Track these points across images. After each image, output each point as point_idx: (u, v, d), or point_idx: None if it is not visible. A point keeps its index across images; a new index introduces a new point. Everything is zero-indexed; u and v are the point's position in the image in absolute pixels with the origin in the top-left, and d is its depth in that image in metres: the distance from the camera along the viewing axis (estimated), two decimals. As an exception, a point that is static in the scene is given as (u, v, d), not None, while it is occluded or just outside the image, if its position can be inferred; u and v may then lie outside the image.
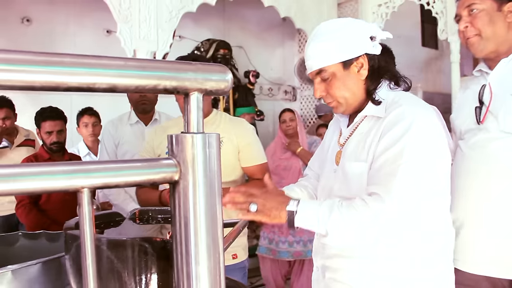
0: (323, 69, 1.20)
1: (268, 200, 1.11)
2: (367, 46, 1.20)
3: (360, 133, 1.22)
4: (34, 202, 2.59)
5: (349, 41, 1.18)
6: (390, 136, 1.10)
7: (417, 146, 1.08)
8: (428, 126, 1.13)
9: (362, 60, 1.20)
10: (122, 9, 3.29)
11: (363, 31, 1.20)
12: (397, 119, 1.12)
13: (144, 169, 0.51)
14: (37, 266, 0.90)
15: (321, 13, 4.80)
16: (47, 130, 2.64)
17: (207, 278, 0.54)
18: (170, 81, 0.52)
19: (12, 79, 0.43)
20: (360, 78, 1.21)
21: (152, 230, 0.90)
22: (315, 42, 1.20)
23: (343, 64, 1.19)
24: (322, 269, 1.29)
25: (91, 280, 0.49)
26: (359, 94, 1.23)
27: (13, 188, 0.45)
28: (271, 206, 1.10)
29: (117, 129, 2.46)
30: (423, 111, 1.15)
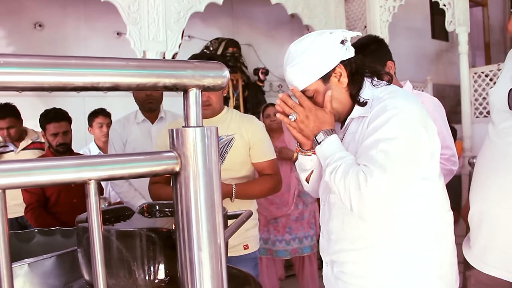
0: (305, 89, 1.24)
1: (307, 120, 1.23)
2: (339, 54, 1.23)
3: (349, 134, 1.26)
4: (43, 205, 2.61)
5: (320, 56, 1.21)
6: (375, 123, 1.14)
7: (399, 135, 1.11)
8: (410, 113, 1.15)
9: (339, 69, 1.23)
10: (131, 11, 3.35)
11: (330, 42, 1.22)
12: (381, 111, 1.15)
13: (147, 161, 0.55)
14: (52, 259, 0.95)
15: (329, 9, 4.80)
16: (52, 132, 2.66)
17: (208, 263, 0.57)
18: (169, 78, 0.55)
19: (23, 80, 0.47)
20: (342, 86, 1.25)
21: (159, 222, 0.94)
22: (290, 66, 1.24)
23: (322, 79, 1.23)
24: (330, 264, 1.33)
25: (99, 265, 0.53)
26: (345, 101, 1.26)
27: (24, 181, 0.49)
28: (306, 126, 1.23)
29: (124, 128, 2.51)
30: (405, 101, 1.17)
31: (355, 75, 1.25)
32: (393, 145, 1.10)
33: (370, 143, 1.13)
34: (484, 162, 1.29)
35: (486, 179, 1.27)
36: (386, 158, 1.09)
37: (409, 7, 4.95)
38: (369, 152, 1.12)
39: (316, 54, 1.21)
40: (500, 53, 8.16)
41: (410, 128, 1.13)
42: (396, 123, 1.12)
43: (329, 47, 1.22)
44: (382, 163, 1.08)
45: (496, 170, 1.24)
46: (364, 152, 1.14)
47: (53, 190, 2.59)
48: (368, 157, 1.12)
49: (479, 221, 1.29)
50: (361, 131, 1.20)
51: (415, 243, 1.19)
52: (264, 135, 1.93)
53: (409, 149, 1.12)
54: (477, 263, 1.31)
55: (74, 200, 2.61)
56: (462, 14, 3.89)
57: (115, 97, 4.52)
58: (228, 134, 1.88)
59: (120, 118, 2.61)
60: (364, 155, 1.13)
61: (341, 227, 1.26)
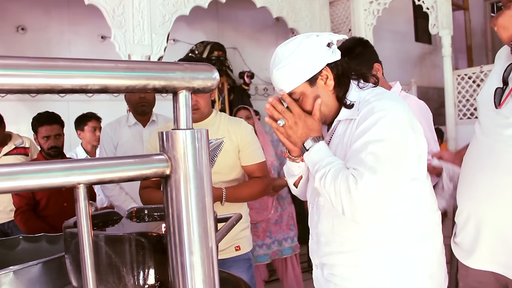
0: (291, 92, 1.25)
1: (295, 127, 1.24)
2: (326, 57, 1.23)
3: (337, 136, 1.27)
4: (33, 209, 2.59)
5: (307, 59, 1.21)
6: (363, 126, 1.15)
7: (386, 137, 1.12)
8: (398, 115, 1.16)
9: (326, 72, 1.23)
10: (115, 15, 3.32)
11: (317, 44, 1.23)
12: (369, 113, 1.16)
13: (137, 164, 0.54)
14: (38, 266, 0.93)
15: (313, 13, 4.83)
16: (44, 135, 2.65)
17: (200, 267, 0.57)
18: (159, 80, 0.55)
19: (9, 83, 0.46)
20: (328, 89, 1.25)
21: (148, 227, 0.92)
22: (277, 69, 1.24)
23: (309, 82, 1.23)
24: (320, 267, 1.34)
25: (89, 271, 0.52)
26: (331, 104, 1.27)
27: (12, 186, 0.47)
28: (294, 132, 1.24)
29: (115, 130, 2.51)
30: (391, 103, 1.18)
31: (341, 77, 1.25)
32: (381, 147, 1.11)
33: (358, 146, 1.14)
34: (471, 161, 1.31)
35: (473, 177, 1.29)
36: (375, 160, 1.09)
37: (393, 10, 5.00)
38: (358, 155, 1.12)
39: (302, 57, 1.21)
40: (482, 56, 8.30)
41: (398, 130, 1.14)
42: (384, 125, 1.13)
43: (315, 50, 1.22)
44: (372, 165, 1.09)
45: (483, 167, 1.26)
46: (353, 155, 1.14)
47: (43, 193, 2.57)
48: (357, 160, 1.12)
49: (467, 218, 1.31)
50: (350, 134, 1.20)
51: (404, 243, 1.20)
52: (252, 138, 1.94)
53: (397, 150, 1.13)
54: (466, 260, 1.33)
55: (64, 204, 2.59)
56: (445, 18, 3.95)
57: (100, 101, 4.48)
58: (217, 137, 1.88)
59: (112, 121, 2.61)
60: (353, 158, 1.14)
61: (330, 230, 1.26)
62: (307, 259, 4.22)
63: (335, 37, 1.26)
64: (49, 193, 2.56)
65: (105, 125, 2.70)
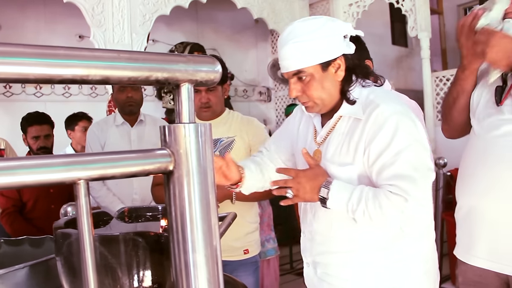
0: (301, 70, 1.19)
1: (301, 186, 1.18)
2: (343, 47, 1.20)
3: (340, 134, 1.23)
4: (19, 210, 2.54)
5: (327, 42, 1.17)
6: (381, 139, 1.13)
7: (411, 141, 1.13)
8: (411, 119, 1.17)
9: (339, 61, 1.20)
10: (95, 14, 3.26)
11: (339, 31, 1.19)
12: (381, 121, 1.14)
13: (139, 159, 0.52)
14: (24, 270, 0.89)
15: (293, 14, 4.85)
16: (33, 135, 2.61)
17: (204, 266, 0.55)
18: (161, 72, 0.52)
19: (6, 71, 0.43)
20: (337, 79, 1.22)
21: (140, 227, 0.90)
22: (292, 42, 1.18)
23: (321, 66, 1.19)
24: (313, 265, 1.32)
25: (90, 272, 0.49)
26: (335, 95, 1.23)
27: (10, 182, 0.45)
28: (305, 192, 1.18)
29: (102, 130, 2.47)
30: (400, 106, 1.19)
31: (351, 71, 1.23)
32: (412, 153, 1.12)
33: (389, 158, 1.12)
34: (471, 157, 1.33)
35: (474, 172, 1.31)
36: (412, 169, 1.10)
37: (371, 13, 5.06)
38: (392, 168, 1.11)
39: (323, 38, 1.17)
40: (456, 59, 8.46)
41: (416, 131, 1.15)
42: (405, 129, 1.13)
43: (336, 36, 1.19)
44: (410, 174, 1.10)
45: (484, 162, 1.29)
46: (384, 169, 1.13)
47: (30, 195, 2.52)
48: (392, 174, 1.11)
49: (467, 214, 1.33)
50: (359, 138, 1.17)
51: (404, 241, 1.20)
52: (265, 137, 1.93)
53: (422, 151, 1.15)
54: (464, 256, 1.35)
55: (52, 206, 2.54)
56: (423, 20, 4.02)
57: (78, 102, 4.39)
58: (229, 136, 1.86)
59: (99, 121, 2.58)
60: (386, 173, 1.13)
61: (328, 229, 1.25)
62: (289, 261, 4.24)
63: (353, 32, 1.23)
64: (36, 195, 2.51)
65: (92, 124, 2.67)
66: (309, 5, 5.06)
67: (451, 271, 2.97)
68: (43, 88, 4.35)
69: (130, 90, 2.43)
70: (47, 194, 2.54)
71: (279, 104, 5.88)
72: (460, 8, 8.90)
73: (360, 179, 1.19)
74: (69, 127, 3.37)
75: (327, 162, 1.23)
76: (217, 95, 1.85)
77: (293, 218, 3.76)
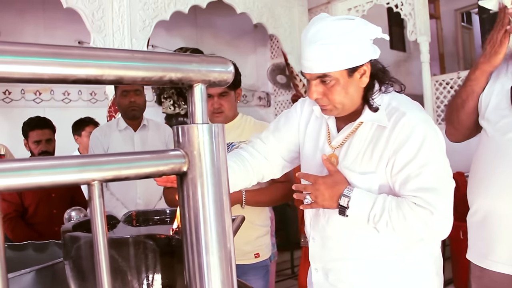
0: (327, 74, 1.12)
1: (320, 193, 1.15)
2: (371, 52, 1.15)
3: (361, 140, 1.19)
4: (21, 215, 2.52)
5: (357, 47, 1.11)
6: (408, 149, 1.11)
7: (436, 152, 1.12)
8: (434, 128, 1.16)
9: (366, 67, 1.15)
10: (95, 19, 3.26)
11: (369, 35, 1.14)
12: (408, 130, 1.12)
13: (154, 160, 0.51)
14: (30, 274, 0.88)
15: (293, 19, 4.86)
16: (35, 139, 2.60)
17: (218, 268, 0.54)
18: (175, 72, 0.52)
19: (20, 71, 0.43)
20: (361, 85, 1.17)
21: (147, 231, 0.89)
22: (320, 43, 1.10)
23: (348, 71, 1.13)
24: (323, 271, 1.28)
25: (105, 275, 0.49)
26: (357, 100, 1.19)
27: (22, 183, 0.44)
28: (323, 199, 1.16)
29: (105, 135, 2.48)
30: (424, 115, 1.17)
31: (374, 77, 1.18)
32: (438, 164, 1.11)
33: (415, 169, 1.10)
34: (484, 159, 1.32)
35: (489, 175, 1.29)
36: (438, 181, 1.10)
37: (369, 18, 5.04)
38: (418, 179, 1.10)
39: (354, 42, 1.10)
40: (454, 63, 8.50)
41: (439, 140, 1.15)
42: (431, 139, 1.12)
43: (366, 40, 1.13)
44: (436, 186, 1.09)
45: (500, 165, 1.28)
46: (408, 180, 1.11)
47: (32, 200, 2.50)
48: (417, 185, 1.10)
49: (483, 218, 1.30)
50: (384, 147, 1.14)
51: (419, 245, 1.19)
52: None
53: (445, 159, 1.14)
54: (482, 261, 1.32)
55: (54, 211, 2.52)
56: (423, 24, 4.03)
57: (77, 107, 4.38)
58: (241, 140, 1.84)
59: (102, 125, 2.61)
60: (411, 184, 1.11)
61: (343, 235, 1.22)
62: (291, 266, 4.22)
63: (381, 34, 1.18)
64: (37, 200, 2.50)
65: (95, 129, 2.67)
66: (308, 10, 5.08)
67: (453, 274, 2.97)
68: (43, 94, 4.35)
69: (133, 94, 2.43)
70: (49, 199, 2.53)
71: (278, 109, 5.88)
72: (457, 12, 8.93)
73: (381, 188, 1.16)
74: (76, 132, 3.38)
75: (345, 169, 1.19)
76: (230, 100, 1.84)
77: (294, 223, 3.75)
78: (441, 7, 6.99)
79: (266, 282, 1.90)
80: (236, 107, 1.93)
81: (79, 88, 4.56)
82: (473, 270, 1.37)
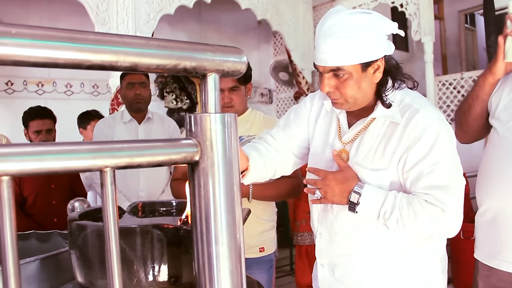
0: (340, 67, 1.11)
1: (330, 189, 1.15)
2: (385, 47, 1.14)
3: (373, 137, 1.18)
4: (20, 206, 2.50)
5: (373, 42, 1.10)
6: (421, 146, 1.11)
7: (449, 150, 1.12)
8: (446, 125, 1.15)
9: (380, 62, 1.13)
10: (99, 11, 3.25)
11: (385, 30, 1.12)
12: (421, 127, 1.11)
13: (166, 148, 0.51)
14: (35, 263, 0.88)
15: (297, 16, 4.86)
16: (35, 129, 2.56)
17: (228, 258, 0.54)
18: (190, 61, 0.52)
19: (37, 55, 0.43)
20: (374, 80, 1.15)
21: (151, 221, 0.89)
22: (336, 36, 1.08)
23: (362, 66, 1.11)
24: (329, 267, 1.27)
25: (115, 262, 0.48)
26: (369, 95, 1.17)
27: (38, 167, 0.44)
28: (333, 195, 1.15)
29: (110, 127, 2.49)
30: (437, 112, 1.17)
31: (387, 73, 1.17)
32: (451, 162, 1.11)
33: (428, 166, 1.10)
34: (494, 158, 1.32)
35: (499, 175, 1.29)
36: (450, 179, 1.10)
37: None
38: (430, 177, 1.10)
39: (370, 37, 1.09)
40: (456, 65, 8.49)
41: (451, 138, 1.15)
42: (445, 137, 1.12)
43: (381, 35, 1.12)
44: (447, 184, 1.09)
45: (510, 164, 1.27)
46: (420, 177, 1.11)
47: (31, 190, 2.47)
48: (429, 182, 1.10)
49: (494, 218, 1.30)
50: (397, 144, 1.14)
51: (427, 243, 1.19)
52: None
53: (457, 158, 1.14)
54: (491, 261, 1.32)
55: (53, 202, 2.49)
56: (427, 24, 4.02)
57: (80, 100, 4.38)
58: (250, 134, 1.85)
59: (106, 117, 2.60)
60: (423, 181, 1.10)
61: (351, 231, 1.21)
62: (290, 263, 4.23)
63: (397, 30, 1.16)
64: (37, 191, 2.47)
65: (99, 121, 2.67)
66: (313, 7, 5.07)
67: (453, 274, 2.97)
68: (45, 85, 4.34)
69: (139, 87, 2.44)
70: (48, 189, 2.51)
71: (280, 106, 5.88)
72: (461, 14, 8.91)
73: (392, 185, 1.15)
74: (82, 125, 3.36)
75: (356, 165, 1.19)
76: (240, 94, 1.84)
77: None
78: (445, 8, 6.98)
79: (270, 277, 1.90)
80: (246, 102, 1.93)
81: (82, 81, 4.56)
82: (481, 269, 1.36)
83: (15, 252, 0.44)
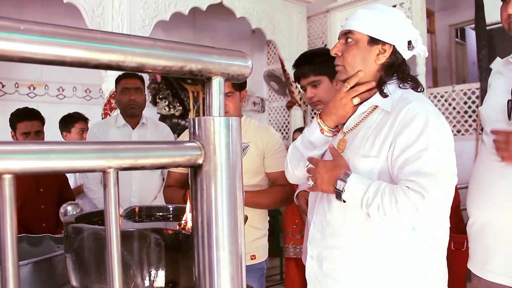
0: (352, 31, 1.25)
1: (320, 176, 1.20)
2: (400, 42, 1.23)
3: (368, 127, 1.23)
4: (7, 210, 2.46)
5: (390, 26, 1.22)
6: (409, 133, 1.13)
7: (438, 141, 1.12)
8: (441, 121, 1.17)
9: (388, 48, 1.23)
10: (95, 15, 3.24)
11: (405, 30, 1.24)
12: (411, 115, 1.14)
13: (170, 151, 0.51)
14: (28, 267, 0.86)
15: (292, 26, 4.88)
16: (23, 131, 2.49)
17: (229, 263, 0.53)
18: (196, 63, 0.52)
19: (44, 52, 0.42)
20: (376, 61, 1.24)
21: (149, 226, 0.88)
22: (368, 9, 1.27)
23: (369, 39, 1.23)
24: (318, 259, 1.28)
25: (116, 264, 0.48)
26: (368, 73, 1.25)
27: (41, 166, 0.43)
28: (322, 182, 1.20)
29: (103, 131, 2.47)
30: (432, 107, 1.19)
31: (393, 67, 1.25)
32: (438, 152, 1.11)
33: (413, 153, 1.11)
34: (483, 171, 1.33)
35: (487, 187, 1.30)
36: (435, 168, 1.09)
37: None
38: (414, 164, 1.10)
39: (390, 21, 1.23)
40: (447, 78, 8.60)
41: (444, 132, 1.15)
42: (434, 127, 1.13)
43: (401, 30, 1.24)
44: (432, 173, 1.08)
45: (497, 177, 1.29)
46: (405, 164, 1.12)
47: (19, 194, 2.41)
48: (413, 170, 1.10)
49: (481, 229, 1.31)
50: (387, 132, 1.17)
51: (416, 250, 1.17)
52: (279, 146, 1.92)
53: (449, 151, 1.14)
54: (479, 271, 1.33)
55: (41, 206, 2.44)
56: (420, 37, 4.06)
57: (72, 104, 4.34)
58: (243, 142, 1.85)
59: (100, 121, 2.59)
60: (407, 168, 1.11)
61: (341, 222, 1.22)
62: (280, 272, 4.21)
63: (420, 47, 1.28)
64: (25, 195, 2.42)
65: (93, 125, 2.66)
66: (307, 18, 5.10)
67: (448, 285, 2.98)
68: (37, 88, 4.30)
69: (133, 92, 2.43)
70: (37, 194, 2.46)
71: (272, 115, 5.88)
72: (452, 28, 9.04)
73: (381, 175, 1.17)
74: (65, 129, 3.23)
75: (351, 153, 1.23)
76: (235, 101, 1.84)
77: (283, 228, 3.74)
78: (436, 22, 7.07)
79: (261, 285, 1.88)
80: (240, 109, 1.93)
81: (74, 85, 4.52)
82: (472, 279, 1.37)
83: (15, 252, 0.43)
